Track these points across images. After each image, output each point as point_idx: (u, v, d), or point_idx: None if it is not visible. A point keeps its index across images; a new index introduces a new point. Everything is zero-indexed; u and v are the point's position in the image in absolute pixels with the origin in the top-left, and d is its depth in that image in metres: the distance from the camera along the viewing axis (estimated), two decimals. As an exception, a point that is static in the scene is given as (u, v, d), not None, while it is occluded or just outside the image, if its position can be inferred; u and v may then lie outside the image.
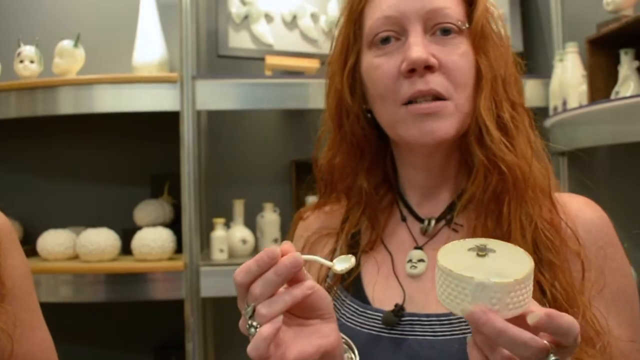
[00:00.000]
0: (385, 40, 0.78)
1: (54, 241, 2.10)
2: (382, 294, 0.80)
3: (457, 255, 0.57)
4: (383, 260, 0.83)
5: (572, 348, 0.55)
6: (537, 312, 0.53)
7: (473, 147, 0.77)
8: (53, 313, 1.14)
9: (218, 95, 2.06)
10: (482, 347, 0.56)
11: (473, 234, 0.77)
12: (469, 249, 0.58)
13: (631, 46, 1.61)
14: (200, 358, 2.02)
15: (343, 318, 0.81)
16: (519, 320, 0.54)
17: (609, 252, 0.77)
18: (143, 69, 2.14)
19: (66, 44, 2.07)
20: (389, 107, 0.78)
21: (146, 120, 2.14)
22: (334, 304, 0.83)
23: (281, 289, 0.62)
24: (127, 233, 2.17)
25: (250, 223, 2.20)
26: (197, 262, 2.01)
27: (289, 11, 2.23)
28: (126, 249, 2.14)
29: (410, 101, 0.76)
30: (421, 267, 0.80)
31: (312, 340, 0.64)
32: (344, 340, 0.72)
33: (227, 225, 2.17)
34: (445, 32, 0.77)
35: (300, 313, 0.66)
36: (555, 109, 1.93)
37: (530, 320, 0.53)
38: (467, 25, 0.78)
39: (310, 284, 0.63)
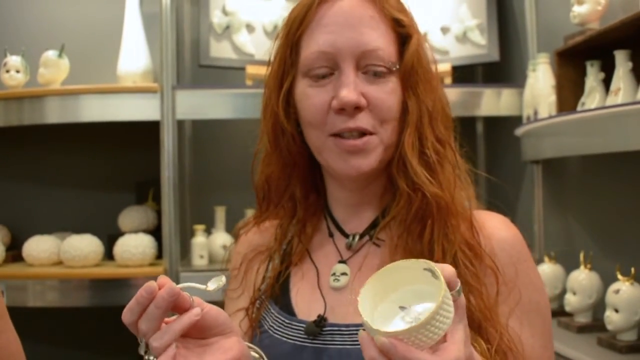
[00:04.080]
0: (320, 76, 0.81)
1: (39, 247, 2.14)
2: (307, 306, 0.84)
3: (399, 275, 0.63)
4: (309, 274, 0.87)
5: None
6: (384, 339, 0.58)
7: (396, 177, 0.82)
8: (40, 317, 1.16)
9: (198, 105, 2.11)
10: None
11: (395, 250, 0.82)
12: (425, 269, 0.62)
13: (597, 58, 1.64)
14: (181, 362, 2.07)
15: (271, 330, 0.85)
16: None
17: (523, 268, 0.82)
18: (127, 78, 2.19)
19: (51, 54, 2.12)
20: (318, 134, 0.82)
21: (131, 128, 2.18)
22: (264, 317, 0.87)
23: (171, 319, 0.66)
24: (111, 239, 2.21)
25: (232, 229, 2.23)
26: (176, 268, 2.06)
27: (269, 21, 2.27)
28: (111, 255, 2.19)
29: (336, 134, 0.80)
30: (344, 280, 0.84)
31: (216, 356, 0.68)
32: (253, 351, 0.76)
33: (209, 231, 2.22)
34: (376, 73, 0.81)
35: (199, 335, 0.70)
36: (528, 118, 1.97)
37: (377, 342, 0.58)
38: (397, 67, 0.82)
39: (196, 311, 0.67)
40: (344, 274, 0.84)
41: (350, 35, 0.79)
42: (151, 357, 0.65)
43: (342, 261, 0.86)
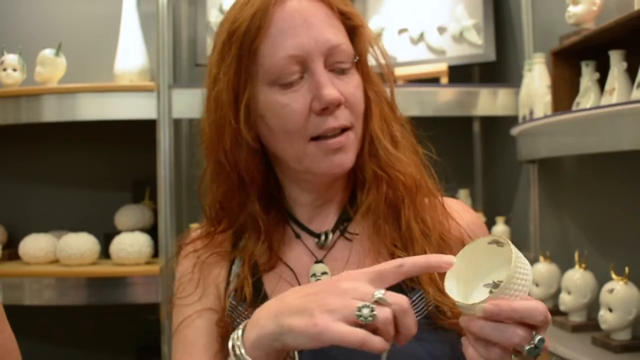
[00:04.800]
0: (291, 82, 0.79)
1: (35, 245, 2.15)
2: None
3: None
4: (286, 277, 0.85)
5: (546, 326, 0.63)
6: (485, 305, 0.61)
7: (366, 163, 0.84)
8: (37, 316, 1.16)
9: (195, 104, 2.08)
10: (476, 347, 0.63)
11: (372, 238, 0.83)
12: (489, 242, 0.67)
13: (592, 58, 1.65)
14: (177, 360, 2.07)
15: None
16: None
17: None
18: (124, 77, 2.19)
19: (48, 52, 2.12)
20: (296, 142, 0.80)
21: (128, 127, 2.18)
22: (240, 323, 0.84)
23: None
24: (108, 237, 2.22)
25: (229, 228, 2.24)
26: (172, 267, 2.05)
27: (267, 20, 2.27)
28: (107, 253, 2.19)
29: (318, 136, 0.80)
30: (325, 279, 0.83)
31: None
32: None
33: (206, 230, 2.22)
34: (343, 70, 0.81)
35: None
36: (524, 118, 1.97)
37: (479, 313, 0.61)
38: (357, 58, 0.83)
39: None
40: (324, 273, 0.84)
41: (314, 34, 0.79)
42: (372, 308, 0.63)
43: (319, 261, 0.85)
